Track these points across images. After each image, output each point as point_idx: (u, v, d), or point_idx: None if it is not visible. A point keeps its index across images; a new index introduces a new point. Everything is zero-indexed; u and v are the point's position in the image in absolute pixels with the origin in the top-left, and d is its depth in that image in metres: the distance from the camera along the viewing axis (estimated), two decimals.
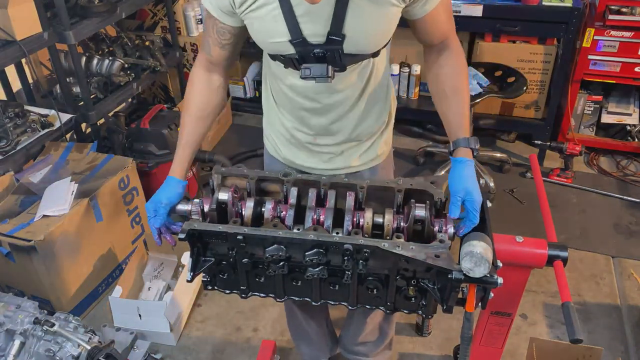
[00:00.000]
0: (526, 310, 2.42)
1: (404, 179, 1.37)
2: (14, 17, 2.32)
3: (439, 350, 2.27)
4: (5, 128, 2.41)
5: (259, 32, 1.25)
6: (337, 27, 1.19)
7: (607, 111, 3.32)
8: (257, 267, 1.34)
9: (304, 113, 1.42)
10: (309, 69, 1.23)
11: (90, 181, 2.42)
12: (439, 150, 3.39)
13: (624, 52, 2.94)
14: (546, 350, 1.95)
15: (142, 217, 2.71)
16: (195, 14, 3.57)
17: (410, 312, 1.36)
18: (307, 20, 1.19)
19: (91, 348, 1.64)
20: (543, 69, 3.17)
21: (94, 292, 2.50)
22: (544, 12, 2.90)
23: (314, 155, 1.53)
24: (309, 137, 1.48)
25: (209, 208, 1.33)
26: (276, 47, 1.26)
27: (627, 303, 2.43)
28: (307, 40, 1.21)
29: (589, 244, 2.77)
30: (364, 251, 1.20)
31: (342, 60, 1.25)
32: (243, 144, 3.60)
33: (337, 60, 1.24)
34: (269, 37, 1.24)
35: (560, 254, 1.43)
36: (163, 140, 2.81)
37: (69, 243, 2.28)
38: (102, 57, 3.03)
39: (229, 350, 2.31)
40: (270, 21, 1.20)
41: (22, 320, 1.69)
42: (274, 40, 1.24)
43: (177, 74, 3.65)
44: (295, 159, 1.55)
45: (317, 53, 1.22)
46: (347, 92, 1.37)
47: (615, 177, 3.23)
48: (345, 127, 1.45)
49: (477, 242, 1.13)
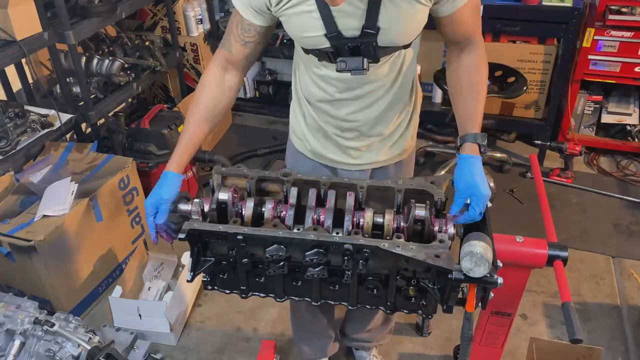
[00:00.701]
0: (526, 310, 2.42)
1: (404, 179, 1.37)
2: (14, 17, 2.32)
3: (439, 350, 2.27)
4: (5, 128, 2.41)
5: (296, 28, 1.29)
6: (372, 20, 1.23)
7: (607, 111, 3.32)
8: (257, 267, 1.34)
9: (335, 103, 1.44)
10: (345, 62, 1.27)
11: (90, 181, 2.42)
12: (439, 150, 3.39)
13: (624, 52, 2.94)
14: (546, 350, 1.95)
15: (142, 217, 2.71)
16: (195, 14, 3.56)
17: (410, 312, 1.36)
18: (341, 15, 1.23)
19: (91, 348, 1.64)
20: (543, 69, 3.17)
21: (94, 292, 2.50)
22: (544, 12, 2.90)
23: (343, 151, 1.54)
24: (337, 129, 1.50)
25: (209, 208, 1.33)
26: (312, 41, 1.29)
27: (627, 303, 2.43)
28: (342, 33, 1.25)
29: (589, 244, 2.77)
30: (364, 251, 1.20)
31: (376, 52, 1.28)
32: (243, 144, 3.60)
33: (370, 53, 1.28)
34: (304, 31, 1.28)
35: (560, 254, 1.43)
36: (163, 140, 2.81)
37: (69, 243, 2.28)
38: (102, 57, 3.03)
39: (229, 350, 2.31)
40: (307, 17, 1.24)
41: (22, 320, 1.69)
42: (310, 35, 1.27)
43: (177, 74, 3.65)
44: (325, 151, 1.56)
45: (351, 46, 1.26)
46: (378, 83, 1.40)
47: (615, 177, 3.23)
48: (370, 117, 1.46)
49: (477, 242, 1.13)
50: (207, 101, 1.40)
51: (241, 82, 1.46)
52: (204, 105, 1.40)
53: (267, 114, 3.91)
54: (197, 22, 3.60)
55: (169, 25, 3.45)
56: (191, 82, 3.81)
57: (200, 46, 3.64)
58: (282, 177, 1.38)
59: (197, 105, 1.40)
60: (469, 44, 1.38)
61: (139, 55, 3.20)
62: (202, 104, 1.40)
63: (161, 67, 3.20)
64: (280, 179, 1.38)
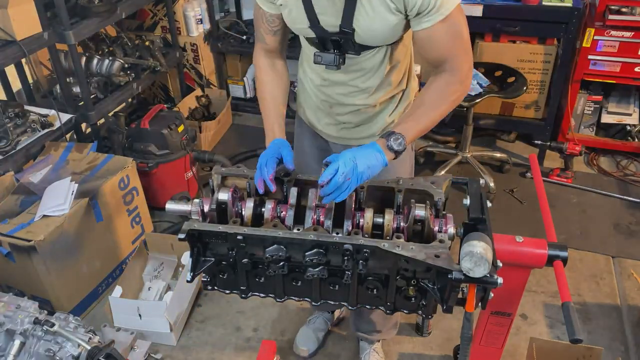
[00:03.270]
0: (526, 310, 2.42)
1: (404, 179, 1.37)
2: (14, 17, 2.32)
3: (439, 350, 2.27)
4: (5, 128, 2.41)
5: (287, 18, 1.46)
6: (347, 22, 1.35)
7: (607, 111, 3.31)
8: (257, 267, 1.34)
9: (324, 82, 1.57)
10: (321, 56, 1.43)
11: (90, 181, 2.42)
12: (439, 150, 3.39)
13: (624, 52, 2.94)
14: (546, 350, 1.95)
15: (142, 217, 2.71)
16: (195, 14, 3.57)
17: (410, 312, 1.36)
18: (322, 12, 1.37)
19: (91, 348, 1.64)
20: (543, 69, 3.17)
21: (94, 292, 2.50)
22: (544, 12, 2.90)
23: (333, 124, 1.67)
24: (327, 104, 1.62)
25: (208, 208, 1.33)
26: (300, 31, 1.46)
27: (627, 303, 2.43)
28: (323, 28, 1.39)
29: (589, 244, 2.76)
30: (364, 251, 1.20)
31: (355, 48, 1.42)
32: (243, 144, 3.60)
33: (351, 47, 1.41)
34: (294, 23, 1.44)
35: (560, 254, 1.43)
36: (163, 140, 2.81)
37: (69, 243, 2.28)
38: (102, 57, 3.03)
39: (229, 350, 2.31)
40: (295, 10, 1.40)
41: (22, 320, 1.68)
42: (298, 26, 1.44)
43: (177, 74, 3.65)
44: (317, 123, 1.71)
45: (333, 38, 1.40)
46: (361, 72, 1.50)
47: (615, 177, 3.23)
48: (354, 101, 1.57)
49: (477, 242, 1.13)
50: (271, 79, 1.57)
51: (286, 62, 1.64)
52: (270, 82, 1.57)
53: None
54: (197, 22, 3.60)
55: (169, 25, 3.45)
56: (191, 82, 3.81)
57: (200, 46, 3.64)
58: (282, 177, 1.38)
59: (264, 84, 1.58)
60: (446, 68, 1.37)
61: (139, 55, 3.20)
62: (267, 81, 1.57)
63: (161, 67, 3.20)
64: (280, 179, 1.38)
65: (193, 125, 3.38)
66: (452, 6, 1.29)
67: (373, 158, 1.29)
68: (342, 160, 1.25)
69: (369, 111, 1.59)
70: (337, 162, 1.25)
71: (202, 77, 3.79)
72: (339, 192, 1.25)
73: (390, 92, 1.57)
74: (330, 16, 1.36)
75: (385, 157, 1.30)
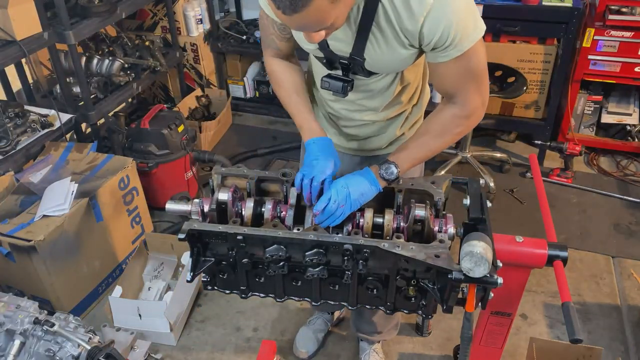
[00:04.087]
0: (526, 310, 2.42)
1: (404, 179, 1.37)
2: (14, 17, 2.32)
3: (439, 350, 2.27)
4: (5, 128, 2.41)
5: (295, 36, 1.40)
6: (359, 51, 1.29)
7: (607, 111, 3.31)
8: (257, 267, 1.34)
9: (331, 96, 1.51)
10: (328, 82, 1.38)
11: (90, 181, 2.42)
12: None
13: (624, 52, 2.94)
14: (546, 350, 1.95)
15: (142, 217, 2.71)
16: (195, 14, 3.57)
17: (410, 312, 1.36)
18: (333, 39, 1.30)
19: (91, 348, 1.64)
20: (543, 69, 3.17)
21: (94, 292, 2.50)
22: (544, 12, 2.90)
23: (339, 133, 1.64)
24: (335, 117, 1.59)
25: (208, 208, 1.33)
26: (308, 50, 1.41)
27: (627, 303, 2.43)
28: (333, 52, 1.34)
29: (589, 244, 2.76)
30: (364, 251, 1.20)
31: (364, 73, 1.36)
32: (243, 144, 3.60)
33: (360, 71, 1.36)
34: (302, 42, 1.38)
35: (560, 254, 1.43)
36: (163, 140, 2.81)
37: (69, 243, 2.28)
38: (102, 57, 3.03)
39: (229, 350, 2.31)
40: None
41: (22, 320, 1.68)
42: (306, 46, 1.38)
43: (177, 74, 3.65)
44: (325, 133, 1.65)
45: (342, 63, 1.35)
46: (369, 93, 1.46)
47: (615, 177, 3.23)
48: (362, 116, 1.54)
49: (477, 242, 1.13)
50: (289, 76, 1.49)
51: (299, 62, 1.56)
52: (290, 80, 1.49)
53: (267, 114, 3.91)
54: (197, 22, 3.60)
55: (169, 25, 3.45)
56: (191, 82, 3.81)
57: (200, 46, 3.64)
58: (281, 177, 1.38)
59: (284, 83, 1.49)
60: (456, 101, 1.33)
61: (139, 55, 3.20)
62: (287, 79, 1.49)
63: (161, 67, 3.20)
64: (280, 179, 1.38)
65: (193, 125, 3.38)
66: (473, 42, 1.21)
67: (366, 186, 1.31)
68: (334, 188, 1.28)
69: (377, 125, 1.57)
70: (330, 190, 1.28)
71: (202, 77, 3.79)
72: (333, 219, 1.28)
73: (400, 109, 1.55)
74: (341, 43, 1.31)
75: (378, 185, 1.32)
